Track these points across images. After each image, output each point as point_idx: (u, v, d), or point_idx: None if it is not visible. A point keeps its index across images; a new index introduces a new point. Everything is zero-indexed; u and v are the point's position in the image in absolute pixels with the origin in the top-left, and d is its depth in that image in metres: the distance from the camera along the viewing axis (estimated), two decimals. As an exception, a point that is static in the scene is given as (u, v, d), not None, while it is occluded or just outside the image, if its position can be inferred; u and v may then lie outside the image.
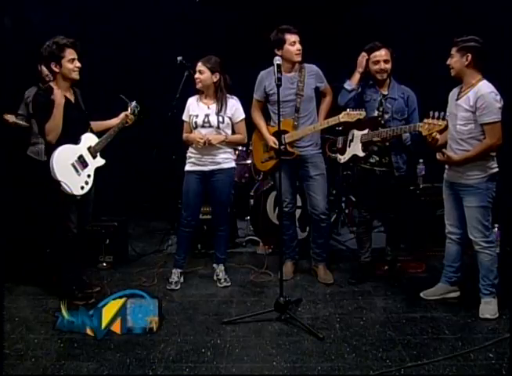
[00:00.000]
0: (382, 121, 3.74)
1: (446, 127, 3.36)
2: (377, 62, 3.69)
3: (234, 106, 3.84)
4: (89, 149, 3.61)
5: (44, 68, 3.73)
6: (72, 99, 3.57)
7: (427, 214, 4.49)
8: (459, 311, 3.45)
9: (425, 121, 3.38)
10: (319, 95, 3.99)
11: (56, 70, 3.44)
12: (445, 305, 3.55)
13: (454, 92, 3.46)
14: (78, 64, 3.49)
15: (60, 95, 3.43)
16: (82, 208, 3.65)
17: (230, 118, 3.83)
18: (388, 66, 3.70)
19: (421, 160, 4.74)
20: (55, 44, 3.41)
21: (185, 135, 3.90)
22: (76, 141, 3.56)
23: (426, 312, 3.47)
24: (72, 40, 3.47)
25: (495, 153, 3.33)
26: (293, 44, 3.77)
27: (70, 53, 3.44)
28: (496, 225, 4.23)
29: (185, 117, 3.90)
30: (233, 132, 3.89)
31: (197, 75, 3.77)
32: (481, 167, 3.30)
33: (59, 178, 3.43)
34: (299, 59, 3.81)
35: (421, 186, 4.72)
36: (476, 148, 3.27)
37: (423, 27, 5.14)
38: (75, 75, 3.50)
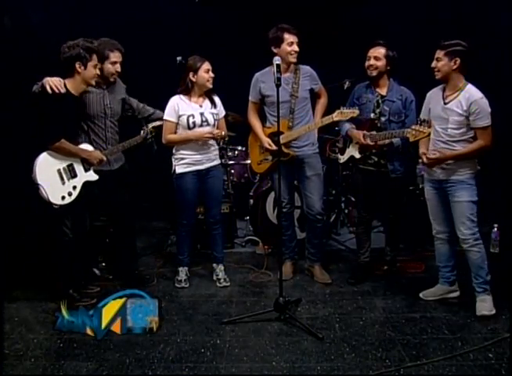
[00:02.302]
0: (378, 124, 3.75)
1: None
2: (368, 58, 3.72)
3: (219, 103, 3.90)
4: (83, 160, 3.54)
5: (108, 66, 3.64)
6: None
7: (426, 214, 4.48)
8: (458, 311, 3.46)
9: (412, 127, 3.42)
10: (314, 96, 3.97)
11: (80, 70, 3.41)
12: (444, 304, 3.55)
13: (436, 94, 3.47)
14: (98, 72, 3.51)
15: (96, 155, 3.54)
16: (77, 214, 3.59)
17: (218, 115, 3.89)
18: (379, 63, 3.69)
19: (420, 160, 4.73)
20: (84, 46, 3.39)
21: (172, 136, 3.80)
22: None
23: (425, 312, 3.48)
24: (97, 45, 3.49)
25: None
26: (290, 44, 3.75)
27: (95, 59, 3.45)
28: (496, 225, 4.23)
29: (170, 117, 3.79)
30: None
31: (211, 74, 3.77)
32: (470, 163, 3.37)
33: (38, 181, 3.34)
34: (294, 60, 3.79)
35: (420, 186, 4.71)
36: (470, 146, 3.32)
37: (423, 27, 5.13)
38: (93, 82, 3.52)
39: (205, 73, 3.76)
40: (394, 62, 3.72)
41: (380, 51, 3.70)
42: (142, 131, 3.82)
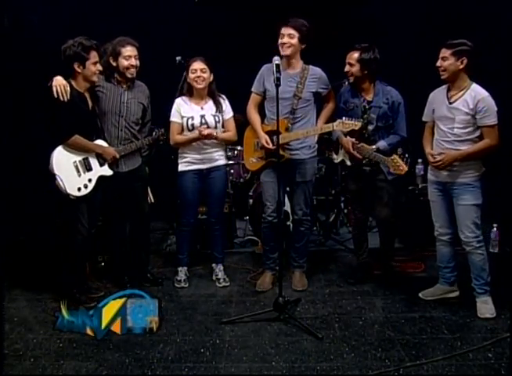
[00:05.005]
0: (366, 134, 3.68)
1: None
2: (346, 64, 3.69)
3: (224, 105, 3.87)
4: (97, 155, 3.59)
5: (123, 61, 3.60)
6: (89, 101, 3.55)
7: (425, 213, 4.48)
8: (457, 311, 3.46)
9: (393, 156, 3.48)
10: (321, 99, 3.82)
11: (79, 70, 3.43)
12: (443, 304, 3.56)
13: (439, 94, 3.45)
14: (100, 67, 3.50)
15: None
16: (89, 212, 3.61)
17: (222, 116, 3.85)
18: (353, 69, 3.62)
19: (420, 160, 4.74)
20: (81, 45, 3.39)
21: (178, 137, 3.80)
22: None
23: (425, 311, 3.48)
24: (96, 42, 3.48)
25: None
26: (281, 37, 3.63)
27: (94, 56, 3.44)
28: (495, 225, 4.23)
29: (174, 118, 3.82)
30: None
31: (200, 74, 3.72)
32: (476, 166, 3.35)
33: (56, 171, 3.42)
34: (285, 52, 3.62)
35: (420, 185, 4.71)
36: (477, 146, 3.29)
37: (423, 27, 5.13)
38: (95, 78, 3.52)
39: (191, 73, 3.75)
40: (372, 65, 3.58)
41: (353, 56, 3.63)
42: (153, 133, 3.83)
